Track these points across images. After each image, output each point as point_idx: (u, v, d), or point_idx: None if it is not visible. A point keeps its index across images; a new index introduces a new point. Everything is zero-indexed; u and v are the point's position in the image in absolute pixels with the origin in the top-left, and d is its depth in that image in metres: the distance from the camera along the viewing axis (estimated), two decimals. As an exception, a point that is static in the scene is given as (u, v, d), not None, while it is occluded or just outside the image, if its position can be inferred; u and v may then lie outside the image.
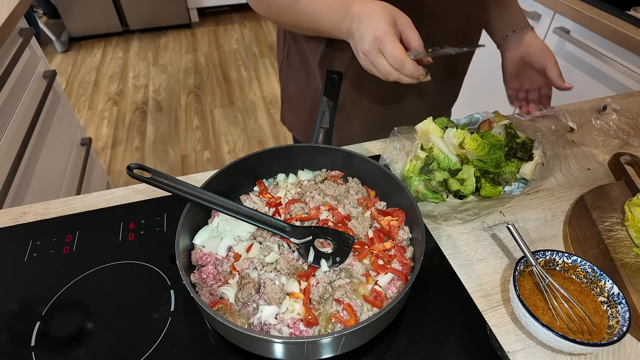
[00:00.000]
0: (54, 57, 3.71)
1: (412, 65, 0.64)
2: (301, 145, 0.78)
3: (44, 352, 0.59)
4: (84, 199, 0.82)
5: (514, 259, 0.71)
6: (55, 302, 0.65)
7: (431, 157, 0.77)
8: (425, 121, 0.80)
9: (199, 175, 0.87)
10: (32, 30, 1.48)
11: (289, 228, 0.65)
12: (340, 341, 0.53)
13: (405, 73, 0.65)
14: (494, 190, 0.77)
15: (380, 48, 0.65)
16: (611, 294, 0.59)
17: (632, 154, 0.89)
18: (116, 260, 0.70)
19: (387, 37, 0.64)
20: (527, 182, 0.82)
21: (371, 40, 0.65)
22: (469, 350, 0.59)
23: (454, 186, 0.76)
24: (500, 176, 0.79)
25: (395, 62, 0.64)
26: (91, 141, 1.94)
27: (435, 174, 0.76)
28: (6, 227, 0.76)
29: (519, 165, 0.80)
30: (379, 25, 0.64)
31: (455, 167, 0.75)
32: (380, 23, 0.64)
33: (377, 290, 0.61)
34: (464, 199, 0.78)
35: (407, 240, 0.68)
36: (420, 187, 0.78)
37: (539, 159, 0.81)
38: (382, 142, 0.95)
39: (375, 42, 0.65)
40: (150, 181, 0.61)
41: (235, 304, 0.59)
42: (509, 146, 0.80)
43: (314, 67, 0.98)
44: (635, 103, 1.08)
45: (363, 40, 0.66)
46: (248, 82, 3.44)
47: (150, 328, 0.61)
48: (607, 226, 0.74)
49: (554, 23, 1.55)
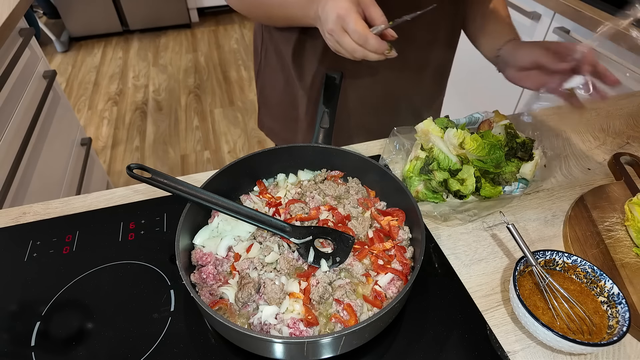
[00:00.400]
0: (54, 57, 3.71)
1: (375, 40, 0.65)
2: (301, 145, 0.78)
3: (44, 352, 0.59)
4: (84, 199, 0.82)
5: (514, 259, 0.71)
6: (55, 302, 0.65)
7: (431, 157, 0.77)
8: (425, 121, 0.80)
9: (199, 175, 0.87)
10: (32, 30, 1.48)
11: (289, 228, 0.65)
12: (340, 341, 0.53)
13: (369, 48, 0.66)
14: (494, 190, 0.77)
15: (343, 26, 0.66)
16: (611, 294, 0.59)
17: (632, 154, 0.89)
18: (116, 260, 0.70)
19: (350, 15, 0.65)
20: (528, 182, 0.82)
21: (334, 19, 0.66)
22: (469, 350, 0.59)
23: (454, 186, 0.76)
24: (500, 176, 0.80)
25: (358, 38, 0.65)
26: (91, 141, 1.94)
27: (435, 174, 0.76)
28: (6, 227, 0.76)
29: (519, 165, 0.80)
30: (341, 4, 0.66)
31: (455, 167, 0.75)
32: (342, 2, 0.66)
33: (377, 290, 0.61)
34: (464, 199, 0.78)
35: (407, 240, 0.68)
36: (420, 187, 0.78)
37: (539, 158, 0.81)
38: (381, 142, 0.95)
39: (338, 21, 0.66)
40: (150, 181, 0.61)
41: (235, 304, 0.59)
42: (509, 146, 0.80)
43: (289, 62, 0.99)
44: (636, 103, 1.08)
45: (327, 21, 0.68)
46: (248, 82, 3.44)
47: (150, 328, 0.61)
48: (607, 226, 0.74)
49: (554, 23, 1.55)
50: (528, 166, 0.80)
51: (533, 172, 0.81)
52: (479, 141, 0.75)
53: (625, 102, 1.09)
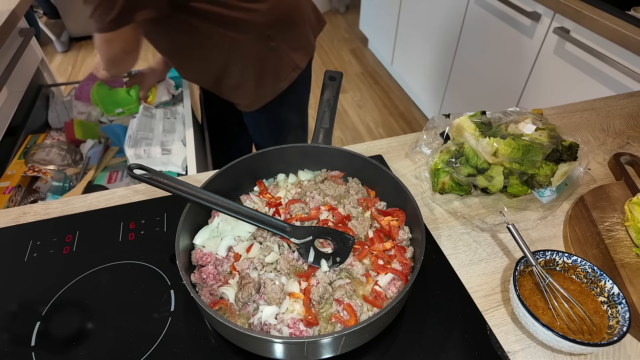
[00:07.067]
0: (54, 57, 3.71)
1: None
2: (301, 145, 0.78)
3: (44, 352, 0.59)
4: (84, 199, 0.82)
5: (514, 259, 0.71)
6: (55, 302, 0.65)
7: (460, 152, 0.77)
8: (462, 117, 0.81)
9: (199, 175, 0.87)
10: (32, 30, 1.48)
11: (289, 228, 0.65)
12: (340, 341, 0.53)
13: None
14: (521, 188, 0.78)
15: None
16: (611, 294, 0.59)
17: (632, 154, 0.89)
18: (116, 260, 0.70)
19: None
20: (556, 191, 0.81)
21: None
22: (469, 350, 0.59)
23: (482, 183, 0.76)
24: (534, 178, 0.78)
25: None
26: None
27: (461, 167, 0.76)
28: (6, 227, 0.76)
29: (555, 169, 0.77)
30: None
31: (483, 166, 0.76)
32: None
33: (377, 290, 0.61)
34: (490, 194, 0.80)
35: (407, 240, 0.68)
36: (447, 179, 0.79)
37: (569, 167, 0.79)
38: (382, 142, 0.95)
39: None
40: (150, 181, 0.61)
41: (235, 304, 0.59)
42: (554, 148, 0.77)
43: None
44: (636, 103, 1.08)
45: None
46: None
47: (150, 328, 0.61)
48: (607, 226, 0.74)
49: (554, 23, 1.55)
50: (559, 171, 0.78)
51: (562, 178, 0.79)
52: (513, 144, 0.74)
53: (625, 102, 1.09)
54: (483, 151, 0.75)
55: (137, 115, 1.33)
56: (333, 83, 0.82)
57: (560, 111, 1.05)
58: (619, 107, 1.07)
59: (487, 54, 1.96)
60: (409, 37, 2.73)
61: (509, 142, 0.74)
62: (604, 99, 1.10)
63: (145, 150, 1.23)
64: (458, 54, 2.20)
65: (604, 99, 1.10)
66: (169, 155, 1.23)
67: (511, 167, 0.75)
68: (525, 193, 0.80)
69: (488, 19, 1.89)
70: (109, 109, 1.41)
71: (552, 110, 1.05)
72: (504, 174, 0.75)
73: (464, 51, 2.15)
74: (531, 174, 0.76)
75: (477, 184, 0.78)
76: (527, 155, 0.74)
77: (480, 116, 0.82)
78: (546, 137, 0.77)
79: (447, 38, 2.24)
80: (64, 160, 1.29)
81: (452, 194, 0.82)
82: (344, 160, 0.78)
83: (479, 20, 1.96)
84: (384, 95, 3.10)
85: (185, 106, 1.43)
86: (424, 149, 0.88)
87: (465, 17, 2.05)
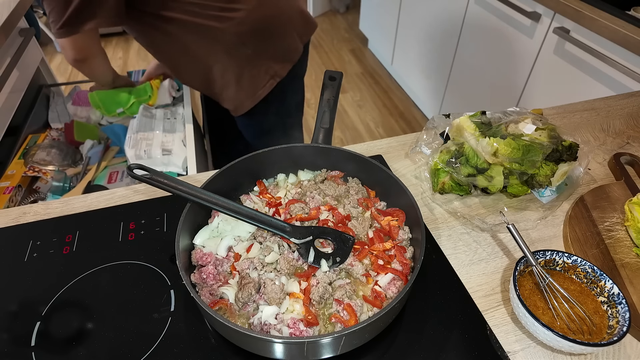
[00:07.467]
0: (54, 57, 3.71)
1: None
2: (301, 145, 0.78)
3: (44, 352, 0.59)
4: (84, 199, 0.82)
5: (514, 259, 0.71)
6: (55, 302, 0.65)
7: (460, 152, 0.77)
8: (462, 117, 0.81)
9: (199, 175, 0.87)
10: (32, 30, 1.48)
11: (289, 228, 0.65)
12: (340, 341, 0.53)
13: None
14: (521, 188, 0.78)
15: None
16: (611, 294, 0.59)
17: (632, 154, 0.89)
18: (116, 260, 0.70)
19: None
20: (556, 191, 0.81)
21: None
22: (469, 350, 0.59)
23: (482, 183, 0.76)
24: (534, 178, 0.78)
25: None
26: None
27: (461, 167, 0.76)
28: (6, 227, 0.76)
29: (554, 169, 0.77)
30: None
31: (483, 166, 0.76)
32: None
33: (377, 290, 0.61)
34: (490, 194, 0.80)
35: (407, 240, 0.68)
36: (447, 179, 0.79)
37: (569, 167, 0.79)
38: (381, 142, 0.95)
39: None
40: (150, 181, 0.61)
41: (235, 304, 0.59)
42: (554, 148, 0.77)
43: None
44: (636, 103, 1.08)
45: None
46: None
47: (150, 328, 0.61)
48: (607, 226, 0.74)
49: (554, 23, 1.55)
50: (559, 171, 0.78)
51: (561, 178, 0.79)
52: (513, 144, 0.74)
53: (625, 102, 1.09)
54: (483, 151, 0.75)
55: (137, 116, 1.34)
56: (333, 83, 0.82)
57: (560, 111, 1.05)
58: (619, 107, 1.07)
59: (487, 54, 1.96)
60: (409, 37, 2.73)
61: (509, 142, 0.74)
62: (604, 99, 1.10)
63: (146, 150, 1.23)
64: (458, 54, 2.20)
65: (604, 99, 1.10)
66: (169, 155, 1.23)
67: (511, 167, 0.75)
68: (525, 193, 0.80)
69: (488, 19, 1.89)
70: (110, 109, 1.41)
71: (552, 110, 1.05)
72: (504, 174, 0.75)
73: (464, 51, 2.15)
74: (531, 174, 0.76)
75: (477, 184, 0.78)
76: (527, 155, 0.74)
77: (480, 116, 0.82)
78: (546, 137, 0.77)
79: (447, 38, 2.24)
80: (64, 160, 1.29)
81: (452, 194, 0.82)
82: (344, 160, 0.78)
83: (479, 20, 1.96)
84: (384, 95, 3.10)
85: (185, 107, 1.43)
86: (424, 149, 0.88)
87: (465, 17, 2.05)
